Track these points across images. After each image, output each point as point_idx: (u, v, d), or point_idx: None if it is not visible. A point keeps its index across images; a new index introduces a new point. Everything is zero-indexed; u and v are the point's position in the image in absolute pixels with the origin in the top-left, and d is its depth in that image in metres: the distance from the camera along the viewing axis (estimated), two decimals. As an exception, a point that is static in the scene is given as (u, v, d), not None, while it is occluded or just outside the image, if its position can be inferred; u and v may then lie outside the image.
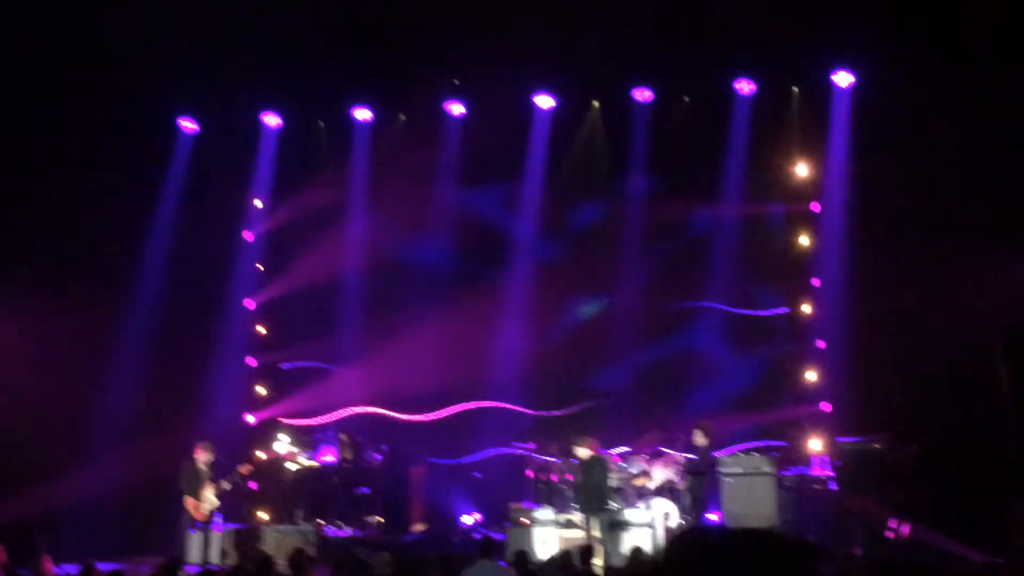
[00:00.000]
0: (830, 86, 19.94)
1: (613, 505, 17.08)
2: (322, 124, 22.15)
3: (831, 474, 17.80)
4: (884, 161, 18.68)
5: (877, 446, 17.28)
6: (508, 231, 21.75)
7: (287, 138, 22.07)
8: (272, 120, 21.97)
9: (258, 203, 22.44)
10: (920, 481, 16.57)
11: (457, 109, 21.53)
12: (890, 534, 16.31)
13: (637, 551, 12.66)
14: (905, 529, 16.19)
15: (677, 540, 2.04)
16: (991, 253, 17.34)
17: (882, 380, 18.07)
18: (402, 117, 22.00)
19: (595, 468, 16.92)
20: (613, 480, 17.71)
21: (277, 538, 18.18)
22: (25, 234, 19.82)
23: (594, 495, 16.69)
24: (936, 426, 17.00)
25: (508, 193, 21.55)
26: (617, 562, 14.98)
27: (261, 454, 20.54)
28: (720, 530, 2.03)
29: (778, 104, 20.39)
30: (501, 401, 20.86)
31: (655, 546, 16.01)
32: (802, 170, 20.53)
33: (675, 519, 17.82)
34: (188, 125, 21.80)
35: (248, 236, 22.46)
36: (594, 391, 20.65)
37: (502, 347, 21.10)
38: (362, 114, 21.91)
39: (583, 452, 17.00)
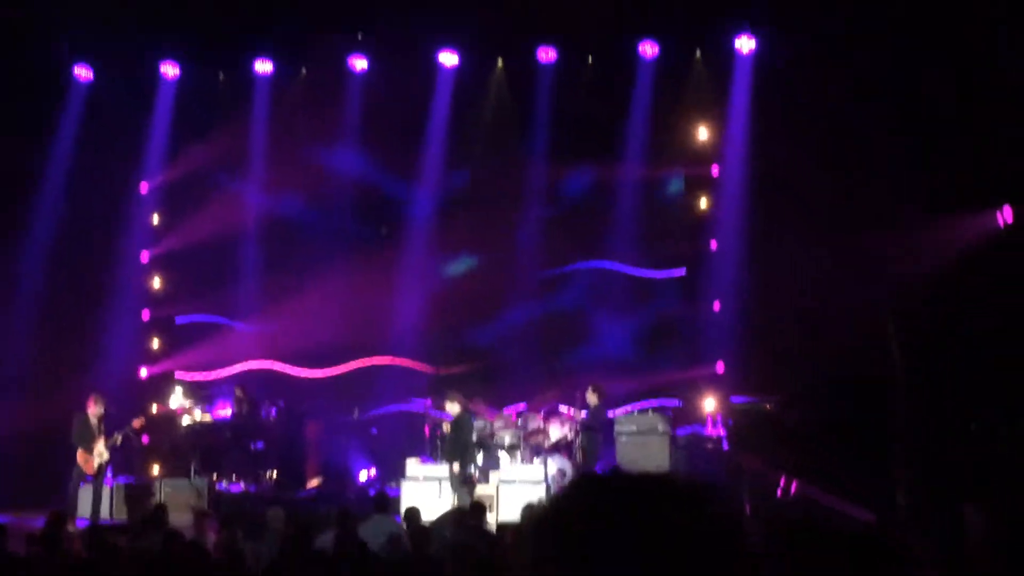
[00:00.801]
0: (732, 50, 20.09)
1: (476, 460, 17.45)
2: (222, 76, 21.76)
3: (723, 433, 18.10)
4: (783, 127, 18.91)
5: (768, 407, 17.61)
6: (409, 189, 21.62)
7: (186, 88, 21.64)
8: (171, 70, 21.51)
9: (155, 154, 21.98)
10: (809, 441, 16.91)
11: (360, 64, 21.29)
12: (779, 492, 16.65)
13: (530, 507, 12.73)
14: (793, 487, 16.53)
15: (573, 484, 2.05)
16: (888, 221, 17.68)
17: (776, 341, 18.37)
18: (304, 71, 21.72)
19: (464, 424, 17.20)
20: (504, 438, 18.07)
21: (170, 492, 18.00)
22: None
23: (461, 449, 16.99)
24: (826, 388, 17.33)
25: (410, 150, 21.38)
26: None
27: (155, 408, 20.31)
28: (616, 474, 2.04)
29: (681, 67, 20.50)
30: (398, 357, 20.84)
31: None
32: (703, 134, 20.69)
33: (570, 476, 18.01)
34: (83, 73, 21.28)
35: (144, 188, 22.05)
36: (489, 348, 20.72)
37: (399, 304, 21.06)
38: (263, 67, 21.56)
39: (453, 408, 17.26)
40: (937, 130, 17.70)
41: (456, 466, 16.88)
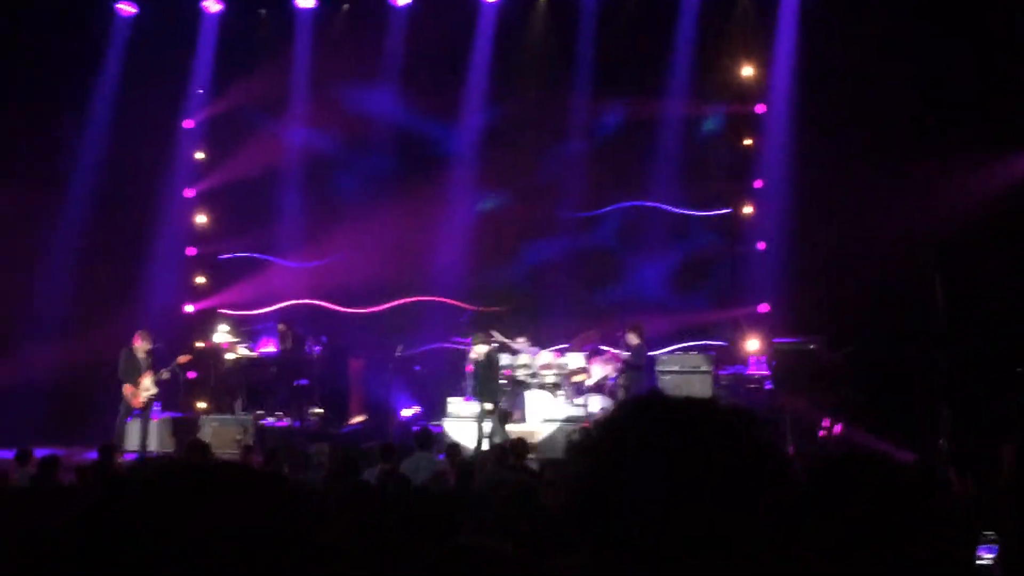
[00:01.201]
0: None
1: (502, 397, 17.64)
2: (264, 11, 21.71)
3: (766, 373, 18.05)
4: (830, 65, 18.67)
5: (812, 347, 17.51)
6: (450, 125, 21.53)
7: (228, 24, 21.61)
8: (213, 5, 21.48)
9: (199, 91, 22.05)
10: (852, 382, 16.84)
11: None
12: (822, 433, 16.61)
13: (571, 440, 12.79)
14: (837, 428, 16.49)
15: (617, 407, 2.06)
16: (933, 161, 17.46)
17: (820, 282, 18.24)
18: (346, 6, 21.61)
19: (494, 362, 17.37)
20: (546, 376, 18.16)
21: (215, 427, 18.23)
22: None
23: (492, 387, 17.19)
24: (871, 329, 17.23)
25: (451, 85, 21.28)
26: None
27: (200, 344, 20.47)
28: (659, 397, 2.03)
29: (725, 2, 20.23)
30: (441, 296, 20.85)
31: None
32: (748, 70, 20.44)
33: (612, 415, 18.05)
34: (126, 8, 21.28)
35: (188, 124, 22.12)
36: (531, 287, 20.66)
37: (441, 242, 21.05)
38: (305, 2, 21.47)
39: (482, 347, 17.33)
40: (993, 64, 17.42)
41: (488, 405, 17.03)
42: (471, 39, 21.07)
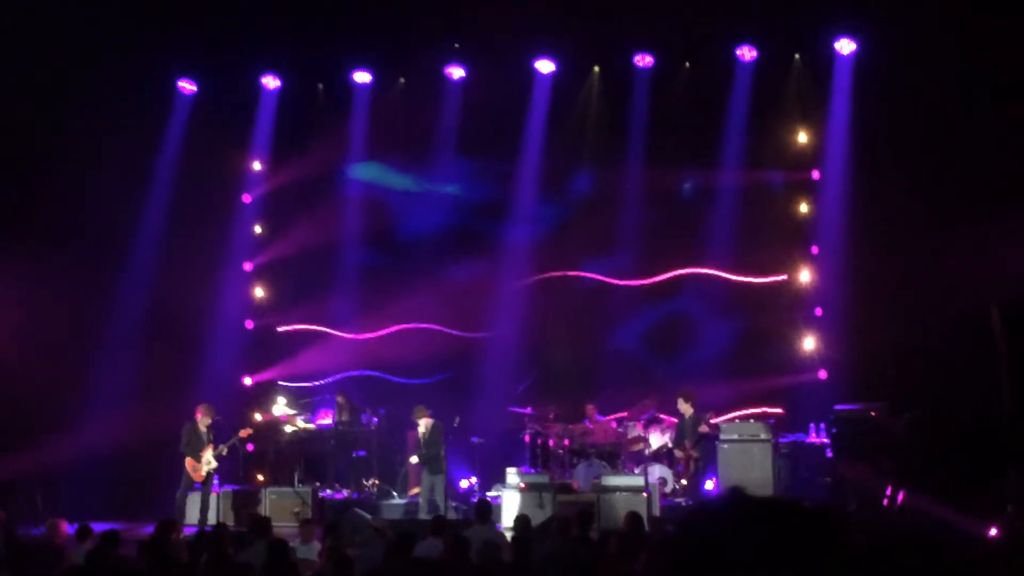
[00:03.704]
0: (832, 53, 19.82)
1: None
2: (321, 87, 22.03)
3: (827, 441, 17.83)
4: (885, 129, 18.64)
5: (874, 414, 17.27)
6: (508, 197, 21.66)
7: (286, 100, 21.95)
8: (271, 82, 21.83)
9: (257, 165, 22.35)
10: (916, 449, 16.59)
11: (457, 73, 21.40)
12: (885, 502, 16.35)
13: (634, 516, 12.69)
14: (900, 497, 16.23)
15: (696, 511, 2.08)
16: (990, 220, 17.33)
17: (880, 348, 18.05)
18: (402, 81, 21.88)
19: (437, 434, 17.97)
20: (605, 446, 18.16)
21: (274, 500, 18.28)
22: (24, 199, 19.70)
23: (438, 458, 17.87)
24: (933, 394, 17.00)
25: (508, 158, 21.43)
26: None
27: (259, 417, 20.56)
28: (739, 500, 2.04)
29: (780, 71, 20.28)
30: (498, 365, 20.82)
31: (650, 511, 16.14)
32: (802, 137, 20.43)
33: (671, 484, 17.94)
34: (187, 86, 21.68)
35: (247, 198, 22.40)
36: (586, 356, 20.59)
37: (500, 312, 21.10)
38: (362, 77, 21.77)
39: (425, 421, 18.00)
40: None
41: (439, 476, 17.77)
42: (528, 110, 21.21)
